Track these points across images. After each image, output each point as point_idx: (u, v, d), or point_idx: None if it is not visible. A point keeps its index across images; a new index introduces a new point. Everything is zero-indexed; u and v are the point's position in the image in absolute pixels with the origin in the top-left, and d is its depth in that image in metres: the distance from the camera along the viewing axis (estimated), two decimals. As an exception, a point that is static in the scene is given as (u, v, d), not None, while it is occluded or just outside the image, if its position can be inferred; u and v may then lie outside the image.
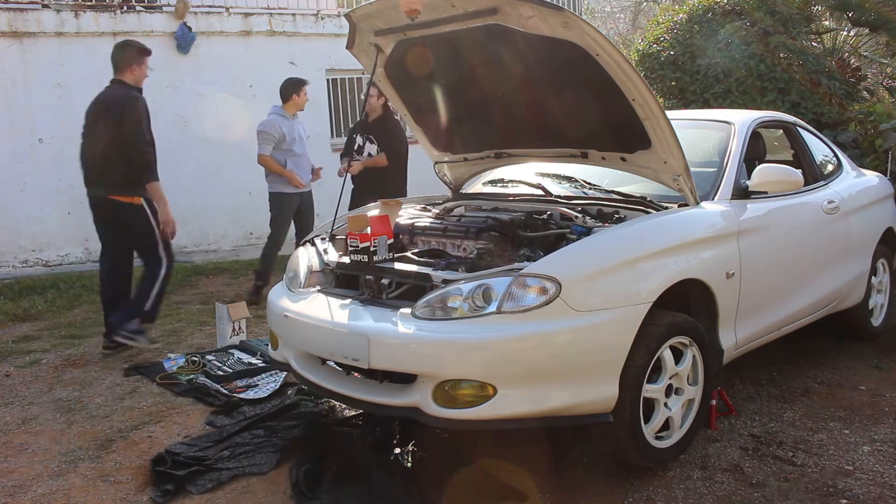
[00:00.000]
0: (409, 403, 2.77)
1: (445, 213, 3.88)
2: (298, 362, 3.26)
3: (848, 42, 9.44)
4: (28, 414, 3.91)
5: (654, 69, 8.07)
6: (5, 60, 8.08)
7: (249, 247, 9.17)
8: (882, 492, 2.85)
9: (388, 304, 3.03)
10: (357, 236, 3.28)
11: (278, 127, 5.98)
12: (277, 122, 6.03)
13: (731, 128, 3.85)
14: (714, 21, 7.83)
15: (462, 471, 3.02)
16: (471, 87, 3.72)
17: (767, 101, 7.00)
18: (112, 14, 8.55)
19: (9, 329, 5.70)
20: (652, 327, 2.88)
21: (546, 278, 2.70)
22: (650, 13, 20.95)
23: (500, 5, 3.02)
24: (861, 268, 4.40)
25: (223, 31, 9.24)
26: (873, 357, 4.36)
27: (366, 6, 3.53)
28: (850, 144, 6.28)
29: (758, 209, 3.57)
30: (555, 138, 3.68)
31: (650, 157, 3.32)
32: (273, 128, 5.98)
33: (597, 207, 3.52)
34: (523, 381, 2.68)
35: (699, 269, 3.15)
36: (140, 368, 4.52)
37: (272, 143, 5.98)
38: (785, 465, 3.07)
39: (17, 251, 8.28)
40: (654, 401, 2.96)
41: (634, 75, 3.00)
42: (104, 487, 3.08)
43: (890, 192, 4.87)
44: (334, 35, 9.77)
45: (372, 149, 6.11)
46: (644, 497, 2.86)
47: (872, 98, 8.36)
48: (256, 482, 3.06)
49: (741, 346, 3.48)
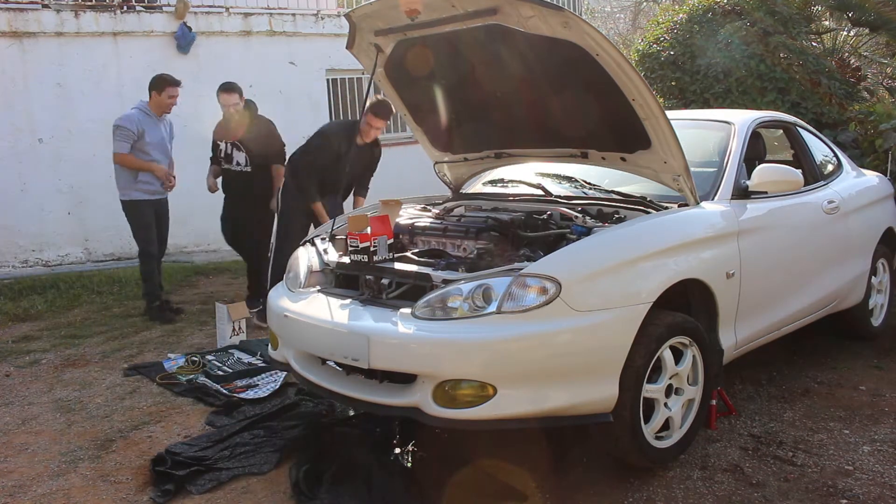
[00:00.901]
0: (409, 403, 2.77)
1: (445, 213, 3.88)
2: (298, 362, 3.26)
3: (848, 42, 9.44)
4: (28, 414, 3.91)
5: (654, 69, 8.08)
6: (5, 60, 8.07)
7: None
8: (882, 492, 2.85)
9: (388, 304, 3.03)
10: (357, 236, 3.28)
11: (137, 123, 5.46)
12: (137, 118, 5.50)
13: (731, 128, 3.85)
14: (714, 21, 7.83)
15: (462, 471, 3.02)
16: (471, 87, 3.72)
17: (767, 101, 7.00)
18: (112, 14, 8.55)
19: (9, 329, 5.70)
20: (652, 327, 2.88)
21: (546, 278, 2.70)
22: (650, 13, 20.95)
23: (500, 5, 3.02)
24: (861, 268, 4.40)
25: (223, 31, 9.24)
26: (873, 357, 4.36)
27: (366, 6, 3.53)
28: (850, 144, 6.28)
29: (758, 209, 3.57)
30: (555, 138, 3.68)
31: (650, 157, 3.32)
32: (131, 123, 5.45)
33: (597, 207, 3.52)
34: (523, 381, 2.68)
35: (699, 269, 3.15)
36: (140, 368, 4.53)
37: (130, 141, 5.45)
38: (785, 465, 3.07)
39: (17, 251, 8.28)
40: (654, 401, 2.96)
41: (634, 75, 3.00)
42: (104, 487, 3.08)
43: (890, 192, 4.87)
44: (334, 35, 9.77)
45: (240, 156, 5.62)
46: (644, 497, 2.86)
47: (872, 98, 8.37)
48: (256, 482, 3.06)
49: (741, 346, 3.48)
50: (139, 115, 5.53)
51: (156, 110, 5.59)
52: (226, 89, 5.53)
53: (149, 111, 5.57)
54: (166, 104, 5.59)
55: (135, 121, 5.48)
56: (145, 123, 5.51)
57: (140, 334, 5.36)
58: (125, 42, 8.63)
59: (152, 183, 5.59)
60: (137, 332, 5.41)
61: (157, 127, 5.62)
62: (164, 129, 5.72)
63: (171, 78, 5.61)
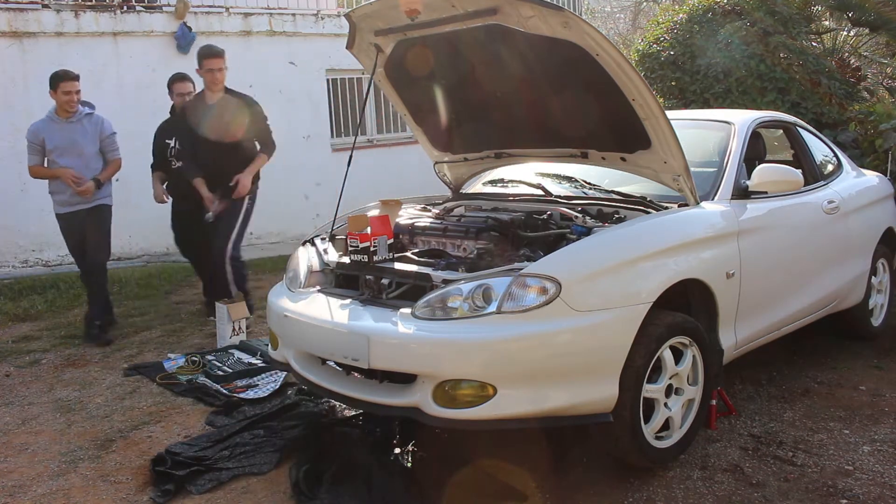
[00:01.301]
0: (409, 403, 2.77)
1: (445, 213, 3.88)
2: (298, 362, 3.26)
3: (848, 42, 9.45)
4: (28, 414, 3.91)
5: (654, 69, 8.08)
6: (5, 60, 8.07)
7: (250, 247, 9.13)
8: (882, 492, 2.85)
9: (388, 304, 3.03)
10: (357, 236, 3.28)
11: (35, 132, 5.06)
12: (36, 126, 5.09)
13: (731, 128, 3.85)
14: (714, 21, 7.84)
15: (462, 471, 3.02)
16: (471, 87, 3.72)
17: (767, 101, 7.00)
18: (112, 14, 8.55)
19: (9, 329, 5.70)
20: (652, 327, 2.87)
21: (546, 278, 2.70)
22: (650, 13, 20.95)
23: (500, 5, 3.02)
24: (861, 268, 4.40)
25: (223, 31, 9.23)
26: (873, 357, 4.36)
27: (366, 6, 3.53)
28: (850, 144, 6.28)
29: (758, 209, 3.57)
30: (555, 138, 3.68)
31: (650, 157, 3.32)
32: (31, 133, 5.08)
33: (597, 207, 3.52)
34: (523, 381, 2.68)
35: (699, 269, 3.15)
36: (140, 368, 4.53)
37: (36, 153, 5.08)
38: (785, 465, 3.07)
39: (17, 251, 8.27)
40: (654, 401, 2.96)
41: (634, 75, 3.00)
42: (104, 487, 3.08)
43: (890, 192, 4.86)
44: (334, 35, 9.77)
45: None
46: (644, 497, 2.86)
47: (872, 98, 8.37)
48: (256, 482, 3.06)
49: (741, 346, 3.48)
50: (40, 123, 5.10)
51: (59, 112, 5.06)
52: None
53: (53, 115, 5.08)
54: (63, 101, 5.00)
55: (33, 130, 5.09)
56: (45, 130, 5.05)
57: (140, 334, 5.36)
58: (125, 42, 8.62)
59: (63, 192, 5.10)
60: (137, 332, 5.41)
61: (64, 130, 5.06)
62: (79, 129, 5.09)
63: (63, 73, 5.05)
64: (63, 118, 5.06)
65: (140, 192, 8.92)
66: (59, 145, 5.05)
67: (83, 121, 5.14)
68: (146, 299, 6.53)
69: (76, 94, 5.06)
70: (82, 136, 5.11)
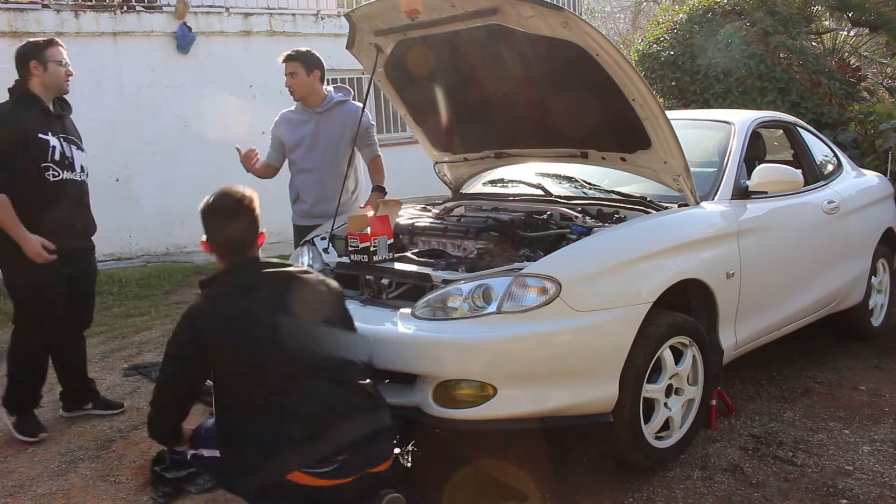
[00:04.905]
0: (409, 403, 2.77)
1: (445, 213, 3.88)
2: (298, 362, 3.25)
3: (848, 42, 9.44)
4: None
5: (654, 69, 8.07)
6: (5, 60, 8.06)
7: (249, 247, 9.16)
8: (882, 492, 2.85)
9: (388, 304, 3.03)
10: (357, 236, 3.28)
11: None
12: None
13: (731, 128, 3.85)
14: (714, 21, 7.83)
15: (462, 471, 3.02)
16: (471, 87, 3.72)
17: (767, 101, 7.00)
18: (112, 14, 8.54)
19: (9, 329, 5.67)
20: (652, 327, 2.87)
21: (546, 278, 2.70)
22: (650, 13, 20.95)
23: (500, 5, 3.02)
24: (861, 268, 4.40)
25: (223, 31, 9.23)
26: (873, 357, 4.36)
27: (366, 6, 3.53)
28: (850, 144, 6.28)
29: (758, 209, 3.57)
30: (555, 138, 3.68)
31: (650, 157, 3.32)
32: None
33: (597, 207, 3.52)
34: (523, 381, 2.68)
35: (699, 269, 3.15)
36: (140, 368, 4.52)
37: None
38: (785, 465, 3.07)
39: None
40: (654, 401, 2.96)
41: (634, 75, 3.00)
42: (104, 487, 3.08)
43: (890, 192, 4.87)
44: (334, 35, 9.75)
45: (80, 157, 3.69)
46: (644, 497, 2.86)
47: (872, 98, 8.36)
48: (256, 482, 3.05)
49: (741, 346, 3.48)
50: None
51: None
52: None
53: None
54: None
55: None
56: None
57: (140, 334, 5.36)
58: (125, 42, 8.62)
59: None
60: (137, 332, 5.40)
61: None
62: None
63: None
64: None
65: (140, 192, 8.95)
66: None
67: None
68: (146, 299, 6.53)
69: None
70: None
